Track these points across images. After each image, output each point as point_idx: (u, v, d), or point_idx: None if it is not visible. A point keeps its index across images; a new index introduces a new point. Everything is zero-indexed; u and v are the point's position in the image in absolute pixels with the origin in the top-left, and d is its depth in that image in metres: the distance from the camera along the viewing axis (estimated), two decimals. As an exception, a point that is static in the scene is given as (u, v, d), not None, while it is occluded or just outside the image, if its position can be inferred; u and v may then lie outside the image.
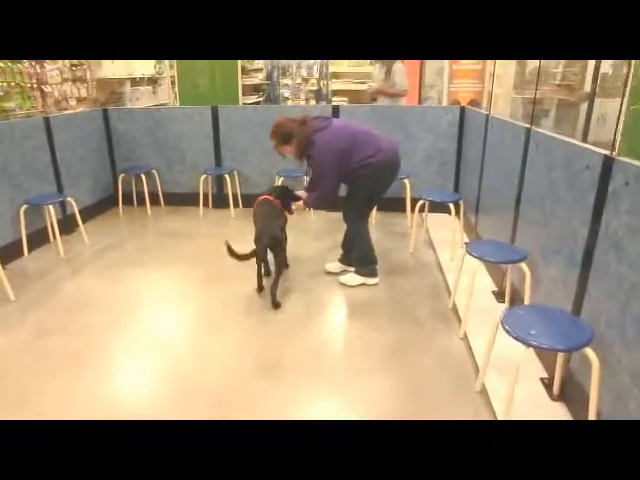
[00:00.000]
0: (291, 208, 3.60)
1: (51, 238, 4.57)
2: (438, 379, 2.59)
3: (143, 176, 5.43)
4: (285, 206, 3.58)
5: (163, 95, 9.13)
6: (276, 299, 3.30)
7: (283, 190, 3.71)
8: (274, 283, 3.31)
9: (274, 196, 3.55)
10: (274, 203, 3.50)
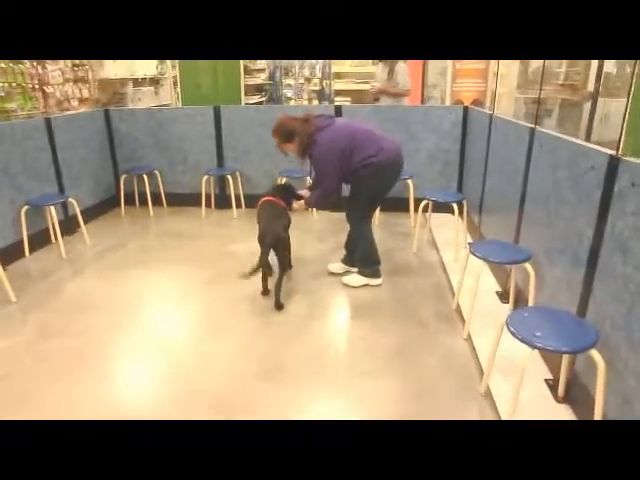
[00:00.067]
0: (292, 205, 3.59)
1: (52, 239, 4.56)
2: (442, 380, 2.57)
3: (145, 177, 5.41)
4: (287, 203, 3.56)
5: (165, 95, 9.13)
6: (280, 300, 3.28)
7: (285, 188, 3.70)
8: (277, 284, 3.28)
9: (276, 195, 3.54)
10: (277, 204, 3.49)
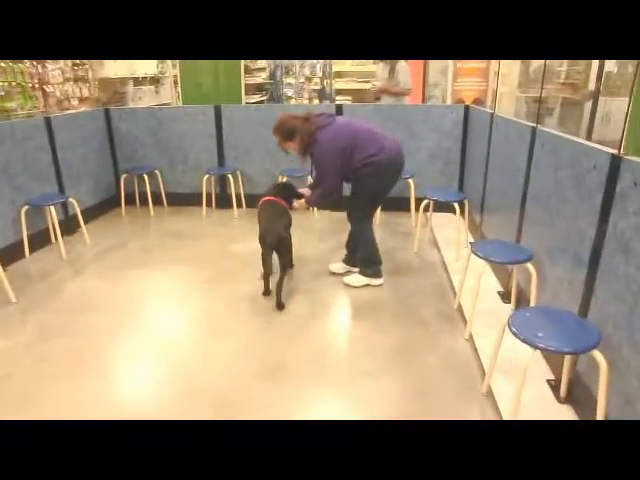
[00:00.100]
0: (292, 203, 3.58)
1: (53, 239, 4.55)
2: (443, 381, 2.56)
3: (145, 176, 5.40)
4: (287, 202, 3.55)
5: (166, 95, 9.12)
6: (281, 300, 3.27)
7: (285, 187, 3.69)
8: (279, 283, 3.27)
9: (277, 194, 3.53)
10: (278, 203, 3.48)
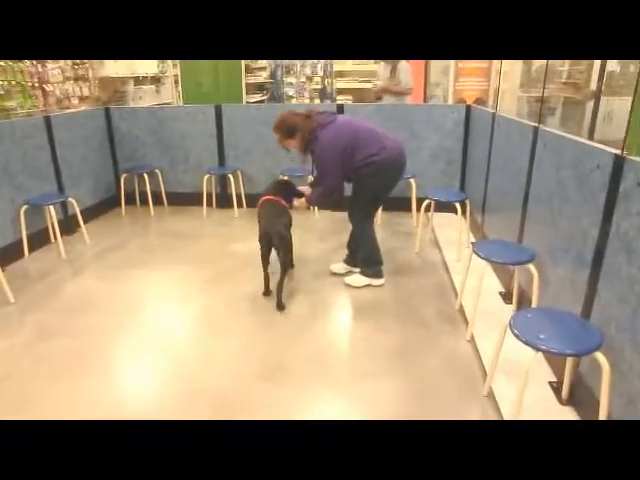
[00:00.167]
0: (292, 202, 3.57)
1: (52, 239, 4.54)
2: (445, 382, 2.55)
3: (146, 176, 5.38)
4: (288, 201, 3.54)
5: (166, 94, 9.11)
6: (281, 300, 3.26)
7: (285, 186, 3.67)
8: (279, 284, 3.26)
9: (277, 193, 3.52)
10: (277, 203, 3.47)
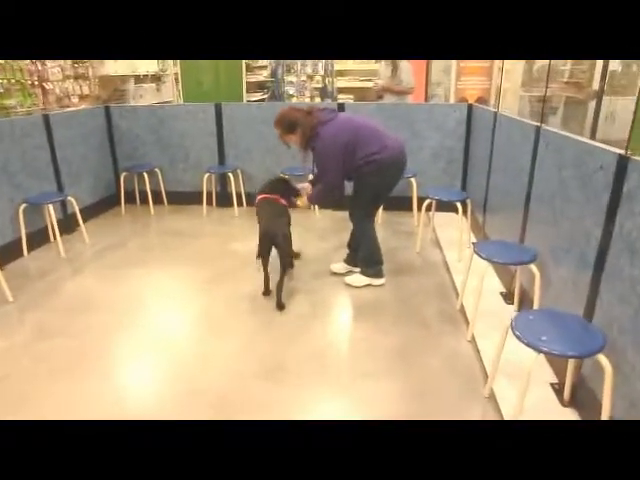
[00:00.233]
0: (292, 200, 3.54)
1: (51, 238, 4.52)
2: (445, 383, 2.53)
3: (146, 174, 5.37)
4: (287, 199, 3.52)
5: (167, 92, 9.08)
6: (281, 300, 3.24)
7: (282, 183, 3.65)
8: (279, 283, 3.24)
9: (274, 192, 3.50)
10: (276, 201, 3.45)
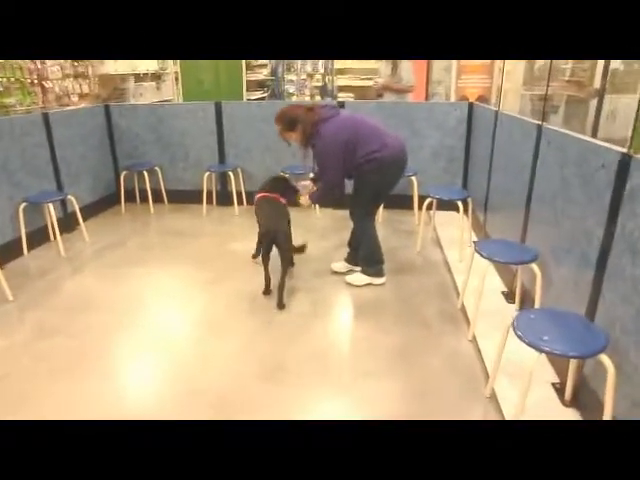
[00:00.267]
0: (292, 199, 3.54)
1: (51, 237, 4.51)
2: (446, 383, 2.52)
3: (146, 173, 5.35)
4: (286, 198, 3.51)
5: (167, 91, 9.07)
6: (283, 299, 3.23)
7: (280, 182, 3.64)
8: (281, 282, 3.23)
9: (273, 190, 3.50)
10: (275, 200, 3.44)
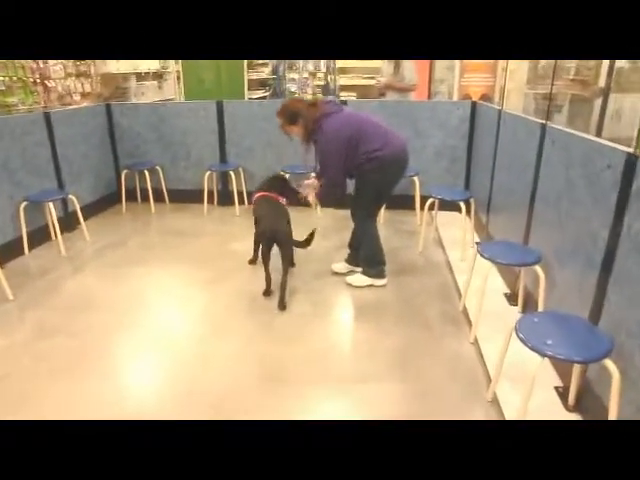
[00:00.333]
0: (292, 198, 3.51)
1: (52, 236, 4.49)
2: (447, 386, 2.49)
3: (147, 172, 5.34)
4: (285, 197, 3.49)
5: (169, 90, 9.07)
6: (284, 299, 3.21)
7: (279, 181, 3.62)
8: (283, 282, 3.20)
9: (272, 190, 3.48)
10: (274, 199, 3.42)
